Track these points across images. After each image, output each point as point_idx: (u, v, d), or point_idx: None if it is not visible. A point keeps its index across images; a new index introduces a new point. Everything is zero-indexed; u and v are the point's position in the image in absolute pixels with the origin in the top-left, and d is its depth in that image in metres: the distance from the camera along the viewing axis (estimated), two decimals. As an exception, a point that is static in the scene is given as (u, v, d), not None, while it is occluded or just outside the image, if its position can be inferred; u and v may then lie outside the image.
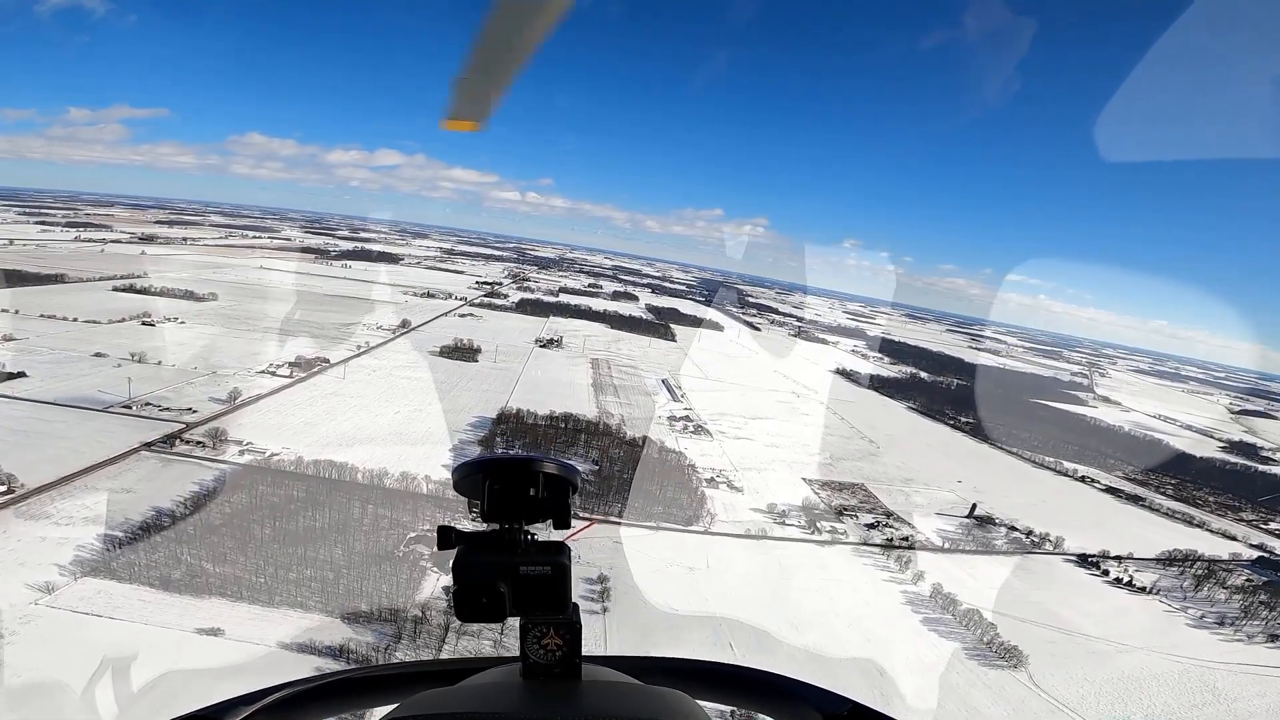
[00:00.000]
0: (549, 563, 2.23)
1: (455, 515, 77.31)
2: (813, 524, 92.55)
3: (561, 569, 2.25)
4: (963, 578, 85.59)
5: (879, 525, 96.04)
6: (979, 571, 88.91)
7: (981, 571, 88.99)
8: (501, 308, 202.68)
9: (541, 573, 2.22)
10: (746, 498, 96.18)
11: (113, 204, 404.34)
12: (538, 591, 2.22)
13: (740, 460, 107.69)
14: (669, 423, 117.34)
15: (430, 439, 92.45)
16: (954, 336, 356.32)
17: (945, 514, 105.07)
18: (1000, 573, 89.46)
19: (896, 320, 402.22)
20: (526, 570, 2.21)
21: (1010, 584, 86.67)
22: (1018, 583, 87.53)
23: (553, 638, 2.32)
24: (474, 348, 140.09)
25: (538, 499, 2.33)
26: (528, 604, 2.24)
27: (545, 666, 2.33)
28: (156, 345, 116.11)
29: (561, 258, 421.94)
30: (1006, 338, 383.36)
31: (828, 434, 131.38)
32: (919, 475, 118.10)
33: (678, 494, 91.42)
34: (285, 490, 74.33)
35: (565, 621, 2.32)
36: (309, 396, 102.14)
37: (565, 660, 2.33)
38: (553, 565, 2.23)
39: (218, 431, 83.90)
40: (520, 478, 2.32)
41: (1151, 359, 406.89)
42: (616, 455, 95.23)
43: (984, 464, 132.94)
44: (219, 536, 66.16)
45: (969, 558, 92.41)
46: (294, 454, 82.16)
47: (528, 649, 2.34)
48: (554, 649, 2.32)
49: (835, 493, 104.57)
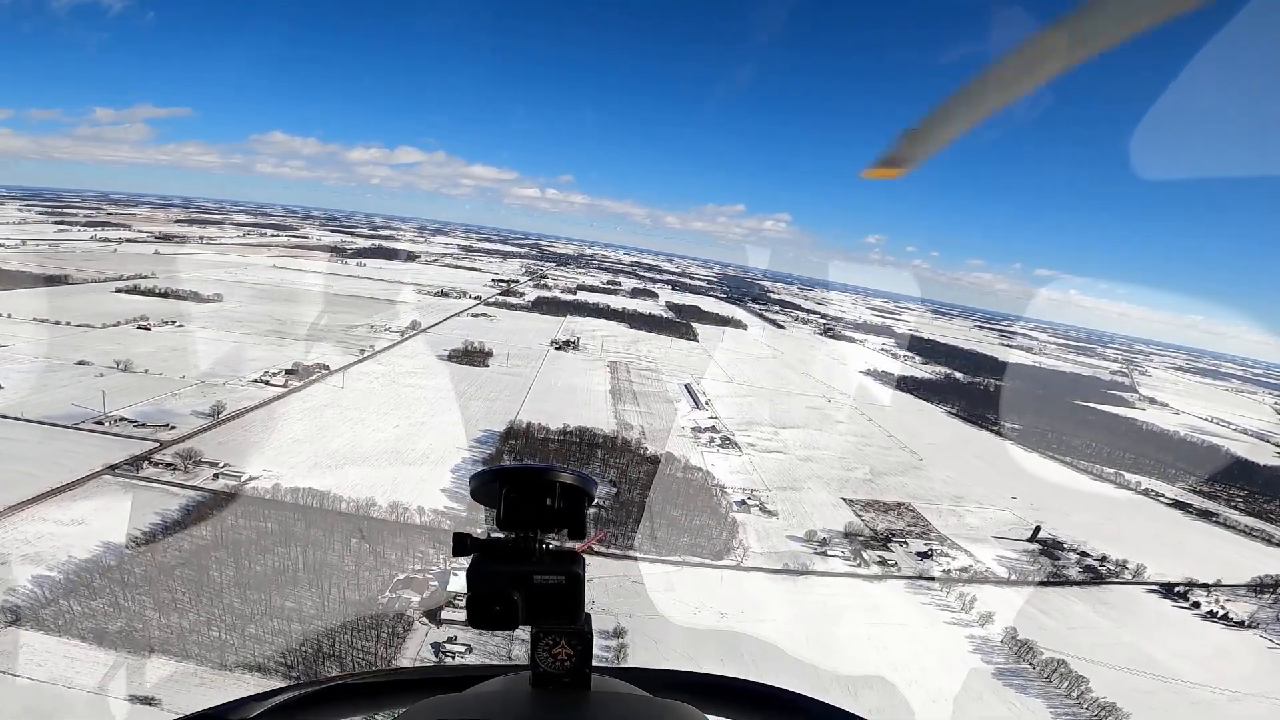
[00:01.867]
0: (563, 572, 2.21)
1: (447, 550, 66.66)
2: (858, 554, 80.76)
3: (575, 579, 2.22)
4: (1036, 616, 73.76)
5: (933, 554, 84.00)
6: (1052, 607, 76.94)
7: (1055, 607, 77.02)
8: (517, 307, 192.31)
9: (555, 582, 2.20)
10: (782, 523, 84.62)
11: (138, 203, 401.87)
12: (551, 601, 2.20)
13: (773, 477, 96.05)
14: (693, 435, 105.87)
15: (429, 458, 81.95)
16: (983, 333, 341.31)
17: (1004, 538, 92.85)
18: (1077, 609, 77.48)
19: (922, 316, 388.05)
20: (540, 579, 2.19)
21: (1091, 622, 74.90)
22: (1100, 620, 75.63)
23: (563, 647, 2.30)
24: (485, 351, 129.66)
25: (553, 509, 2.30)
26: (540, 613, 2.21)
27: (555, 676, 2.31)
28: (147, 352, 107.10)
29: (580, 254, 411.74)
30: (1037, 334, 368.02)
31: (865, 444, 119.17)
32: (969, 492, 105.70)
33: (705, 521, 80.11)
34: (259, 522, 64.15)
35: (577, 631, 2.29)
36: (302, 408, 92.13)
37: (575, 670, 2.31)
38: (567, 575, 2.21)
39: (192, 452, 74.06)
40: (537, 487, 2.30)
41: (1188, 355, 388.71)
42: (636, 476, 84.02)
43: (1037, 477, 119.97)
44: (174, 579, 56.01)
45: (1039, 591, 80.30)
46: (275, 478, 72.14)
47: (538, 658, 2.31)
48: (564, 659, 2.30)
49: (880, 514, 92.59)
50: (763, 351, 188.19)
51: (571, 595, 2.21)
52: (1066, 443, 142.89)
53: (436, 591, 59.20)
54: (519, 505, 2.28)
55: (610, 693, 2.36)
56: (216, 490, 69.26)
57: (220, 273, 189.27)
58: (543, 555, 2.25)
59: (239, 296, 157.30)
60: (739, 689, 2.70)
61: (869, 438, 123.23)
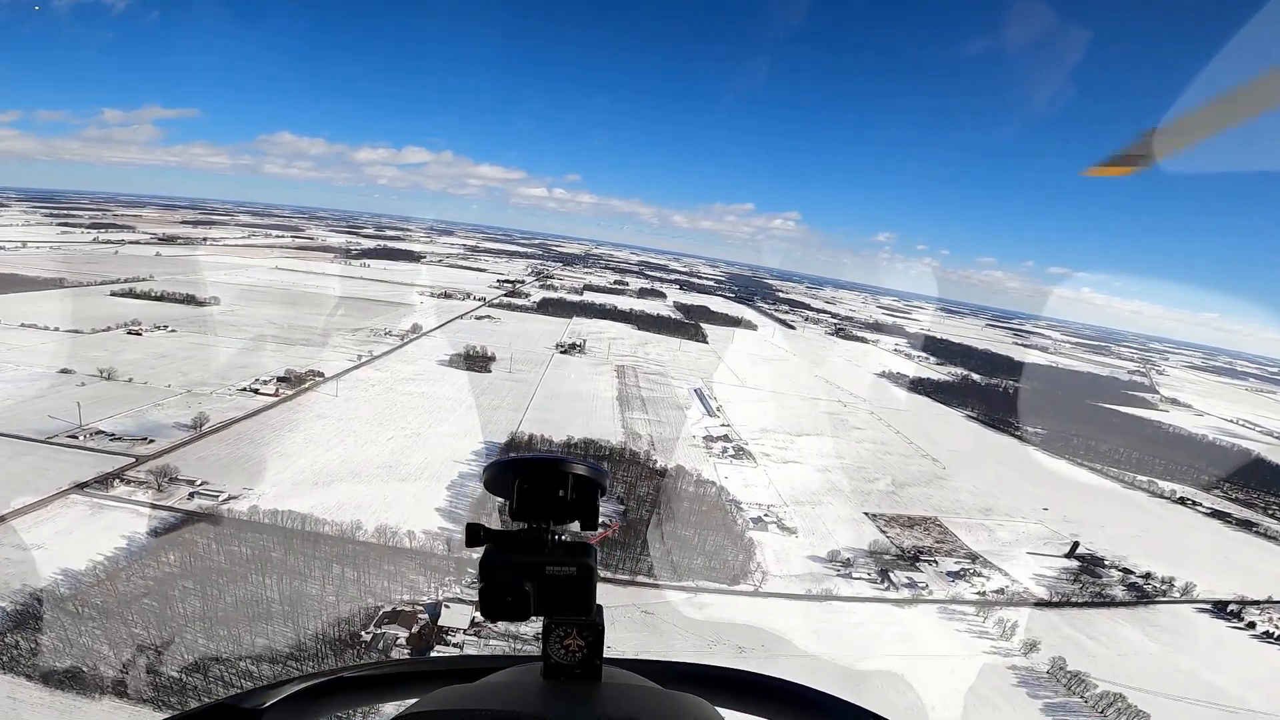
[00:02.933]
0: (575, 564, 2.19)
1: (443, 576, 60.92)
2: (885, 576, 74.42)
3: (587, 570, 2.20)
4: (1083, 642, 67.61)
5: (965, 574, 77.56)
6: (1099, 631, 70.63)
7: (1103, 631, 70.70)
8: (522, 308, 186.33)
9: (567, 573, 2.17)
10: (801, 542, 78.34)
11: (145, 205, 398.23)
12: (563, 592, 2.18)
13: (790, 491, 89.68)
14: (705, 444, 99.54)
15: (425, 473, 76.05)
16: (995, 332, 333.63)
17: (1039, 553, 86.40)
18: (1126, 633, 71.16)
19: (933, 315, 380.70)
20: (553, 571, 2.17)
21: (1143, 648, 68.72)
22: (1152, 645, 69.40)
23: (575, 639, 2.29)
24: (488, 355, 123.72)
25: (566, 500, 2.28)
26: (552, 604, 2.20)
27: (566, 667, 2.30)
28: (134, 359, 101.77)
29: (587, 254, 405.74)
30: (1050, 332, 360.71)
31: (884, 452, 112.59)
32: (998, 503, 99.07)
33: (720, 541, 73.87)
34: (234, 547, 58.34)
35: (589, 623, 2.28)
36: (291, 419, 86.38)
37: (586, 662, 2.29)
38: (579, 566, 2.18)
39: (168, 469, 68.39)
40: (549, 478, 2.28)
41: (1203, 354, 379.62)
42: (645, 492, 77.88)
43: (1066, 485, 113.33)
44: (135, 612, 50.36)
45: (1082, 613, 73.99)
46: (256, 497, 66.41)
47: (550, 649, 2.30)
48: (576, 650, 2.29)
49: (905, 530, 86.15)
50: (774, 353, 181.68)
51: (583, 586, 2.18)
52: (1093, 448, 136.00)
53: (426, 626, 53.32)
54: (531, 496, 2.25)
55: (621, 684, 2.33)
56: (191, 511, 63.57)
57: (221, 275, 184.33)
58: (555, 546, 2.22)
59: (237, 299, 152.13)
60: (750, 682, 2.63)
61: (888, 445, 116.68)
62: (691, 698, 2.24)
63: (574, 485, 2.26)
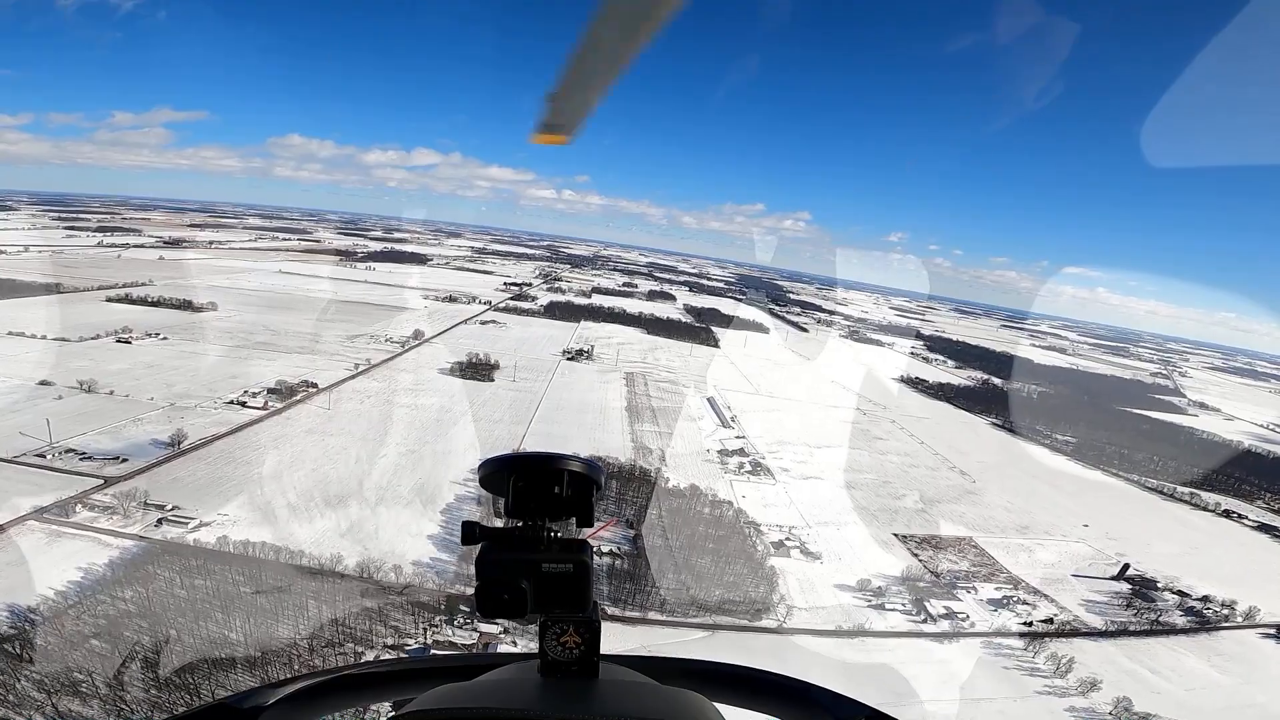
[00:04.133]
0: (571, 560, 2.17)
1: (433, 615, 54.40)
2: (921, 606, 67.53)
3: (584, 567, 2.19)
4: (1146, 678, 61.04)
5: (1008, 602, 70.61)
6: (1162, 664, 63.81)
7: (1166, 664, 63.85)
8: (528, 312, 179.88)
9: (564, 570, 2.16)
10: (827, 568, 71.53)
11: (155, 208, 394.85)
12: (559, 589, 2.17)
13: (812, 510, 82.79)
14: (720, 460, 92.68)
15: (420, 496, 69.71)
16: (1010, 333, 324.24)
17: (1085, 575, 79.42)
18: (1191, 664, 64.46)
19: (946, 316, 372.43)
20: (549, 568, 2.16)
21: (1213, 680, 62.36)
22: (1220, 677, 62.89)
23: (572, 635, 2.27)
24: (491, 363, 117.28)
25: (562, 497, 2.27)
26: (549, 601, 2.18)
27: (563, 664, 2.28)
28: (119, 369, 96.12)
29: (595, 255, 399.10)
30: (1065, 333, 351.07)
31: (910, 465, 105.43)
32: (1035, 520, 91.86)
33: (739, 570, 67.20)
34: (200, 580, 52.27)
35: (585, 620, 2.26)
36: (278, 435, 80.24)
37: (583, 659, 2.28)
38: (575, 563, 2.17)
39: (137, 492, 62.38)
40: (545, 475, 2.27)
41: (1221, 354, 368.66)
42: (656, 516, 71.25)
43: (1104, 498, 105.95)
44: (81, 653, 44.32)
45: (1141, 644, 67.01)
46: (230, 523, 60.29)
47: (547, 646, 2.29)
48: (573, 647, 2.27)
49: (939, 553, 79.18)
50: (787, 357, 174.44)
51: (580, 583, 2.17)
52: (1127, 456, 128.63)
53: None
54: (527, 493, 2.25)
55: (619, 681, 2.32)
56: (157, 540, 57.49)
57: (222, 279, 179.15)
58: (551, 543, 2.21)
59: (235, 304, 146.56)
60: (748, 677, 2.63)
61: (913, 457, 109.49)
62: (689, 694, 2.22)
63: (570, 482, 2.24)
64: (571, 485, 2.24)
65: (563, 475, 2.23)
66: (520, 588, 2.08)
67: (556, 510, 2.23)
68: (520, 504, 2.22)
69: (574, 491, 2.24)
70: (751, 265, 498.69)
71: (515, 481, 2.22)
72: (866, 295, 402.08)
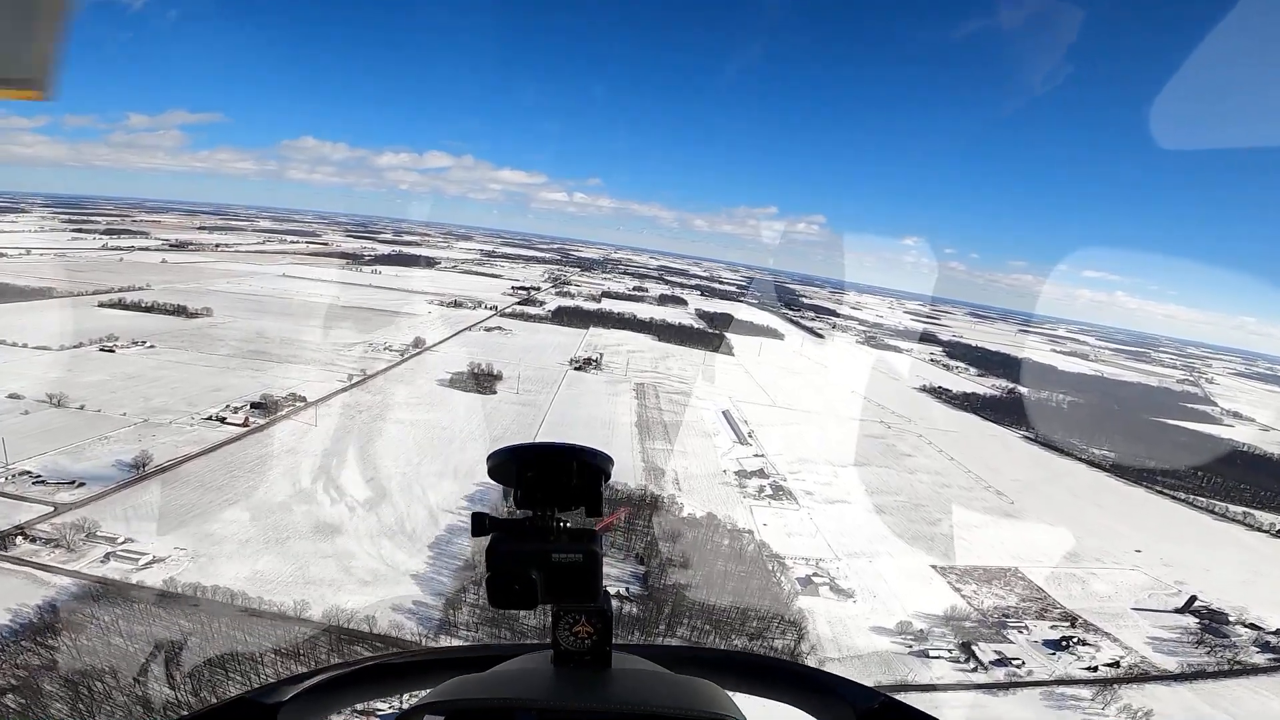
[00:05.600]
0: (581, 550, 2.15)
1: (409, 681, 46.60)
2: (969, 651, 59.13)
3: (593, 557, 2.16)
4: None
5: (1067, 643, 62.04)
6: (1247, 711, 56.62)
7: (1253, 711, 56.16)
8: (535, 318, 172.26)
9: (573, 560, 2.14)
10: (861, 609, 63.25)
11: (167, 210, 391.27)
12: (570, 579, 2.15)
13: (840, 539, 74.52)
14: (738, 482, 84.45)
15: (402, 528, 61.97)
16: (1029, 338, 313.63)
17: (1146, 608, 70.84)
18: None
19: (961, 320, 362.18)
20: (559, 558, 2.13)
21: None
22: None
23: (584, 625, 2.26)
24: (493, 374, 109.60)
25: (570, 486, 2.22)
26: (560, 591, 2.16)
27: (576, 654, 2.28)
28: (96, 381, 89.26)
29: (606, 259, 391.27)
30: (1084, 337, 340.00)
31: (941, 485, 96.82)
32: (1083, 545, 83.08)
33: (763, 612, 58.99)
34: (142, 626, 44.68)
35: (596, 609, 2.25)
36: (255, 456, 72.75)
37: (596, 648, 2.27)
38: (585, 553, 2.15)
39: (86, 523, 55.08)
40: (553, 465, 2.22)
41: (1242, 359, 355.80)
42: (669, 550, 63.13)
43: (1151, 519, 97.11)
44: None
45: (1221, 686, 58.64)
46: (188, 559, 52.94)
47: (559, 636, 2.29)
48: (585, 636, 2.27)
49: (983, 586, 70.71)
50: (804, 365, 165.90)
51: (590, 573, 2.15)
52: (1170, 472, 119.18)
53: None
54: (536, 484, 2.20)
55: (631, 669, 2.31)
56: (100, 578, 50.08)
57: (223, 283, 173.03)
58: (561, 533, 2.18)
59: (232, 310, 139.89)
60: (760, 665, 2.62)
61: (944, 475, 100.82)
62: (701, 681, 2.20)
63: (578, 472, 2.20)
64: (580, 475, 2.18)
65: (571, 465, 2.18)
66: (530, 578, 2.07)
67: (566, 500, 2.19)
68: (529, 495, 2.18)
69: (582, 481, 2.19)
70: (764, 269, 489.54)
71: (524, 472, 2.18)
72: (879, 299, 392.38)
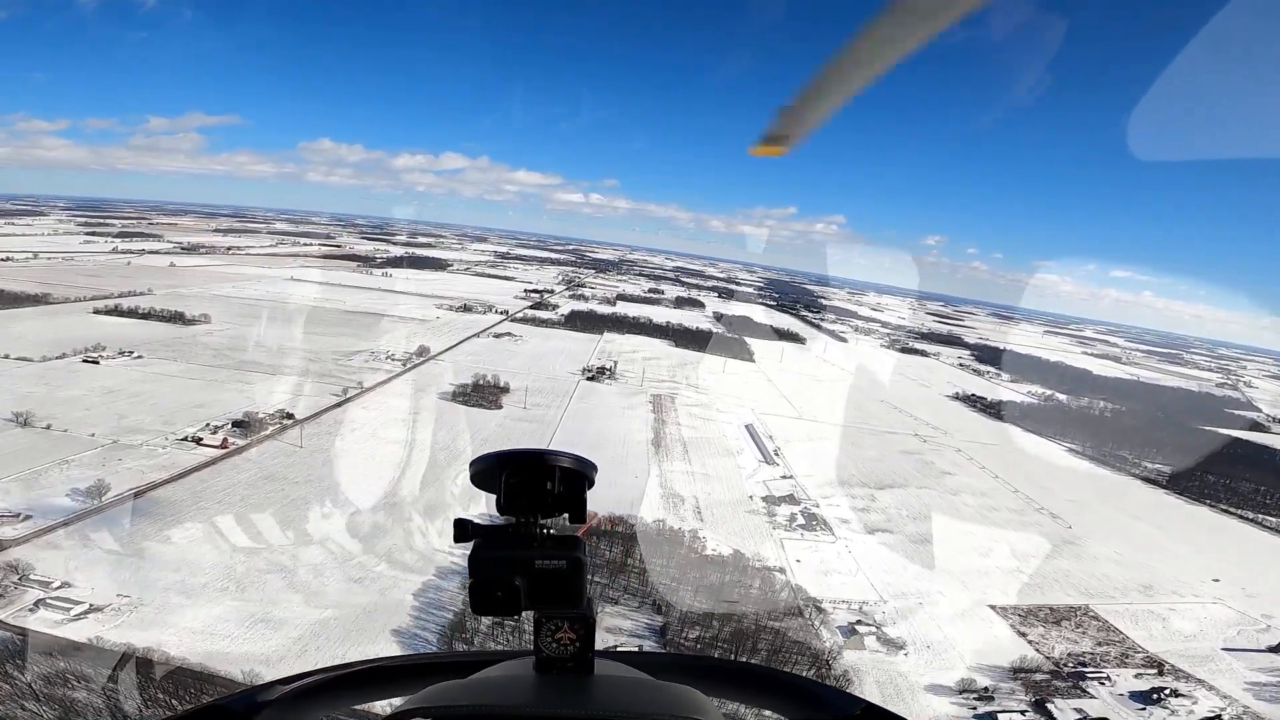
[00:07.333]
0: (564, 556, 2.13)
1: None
2: (1045, 711, 49.76)
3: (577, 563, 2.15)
4: None
5: (1158, 695, 52.41)
6: None
7: None
8: (548, 322, 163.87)
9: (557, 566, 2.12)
10: (914, 663, 53.99)
11: (185, 213, 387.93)
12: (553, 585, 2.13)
13: (884, 578, 65.11)
14: (766, 510, 75.20)
15: (381, 576, 53.57)
16: (1057, 339, 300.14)
17: (1238, 649, 61.04)
18: None
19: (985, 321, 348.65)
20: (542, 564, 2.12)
21: None
22: None
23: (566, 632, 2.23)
24: (500, 385, 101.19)
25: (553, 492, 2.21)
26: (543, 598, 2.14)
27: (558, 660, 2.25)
28: (72, 396, 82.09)
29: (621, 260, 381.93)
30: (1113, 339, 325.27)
31: (989, 508, 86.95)
32: (1156, 576, 73.13)
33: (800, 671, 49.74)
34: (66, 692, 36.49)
35: (580, 616, 2.22)
36: (228, 484, 64.77)
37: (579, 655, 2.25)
38: (568, 559, 2.13)
39: (21, 564, 47.29)
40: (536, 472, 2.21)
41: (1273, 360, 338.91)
42: (690, 601, 54.13)
43: (1222, 543, 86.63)
44: None
45: None
46: (130, 610, 44.94)
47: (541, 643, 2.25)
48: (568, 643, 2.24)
49: (1051, 628, 61.11)
50: (828, 372, 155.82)
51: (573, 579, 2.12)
52: (1231, 488, 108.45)
53: None
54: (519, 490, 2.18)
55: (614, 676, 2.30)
56: (25, 630, 42.20)
57: (228, 287, 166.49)
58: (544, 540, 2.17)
59: (231, 316, 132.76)
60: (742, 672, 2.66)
61: (990, 496, 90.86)
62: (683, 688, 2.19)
63: (561, 478, 2.19)
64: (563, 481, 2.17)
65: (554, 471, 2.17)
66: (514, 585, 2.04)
67: (548, 506, 2.18)
68: (512, 501, 2.16)
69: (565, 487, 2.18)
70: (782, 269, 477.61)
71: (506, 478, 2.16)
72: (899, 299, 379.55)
